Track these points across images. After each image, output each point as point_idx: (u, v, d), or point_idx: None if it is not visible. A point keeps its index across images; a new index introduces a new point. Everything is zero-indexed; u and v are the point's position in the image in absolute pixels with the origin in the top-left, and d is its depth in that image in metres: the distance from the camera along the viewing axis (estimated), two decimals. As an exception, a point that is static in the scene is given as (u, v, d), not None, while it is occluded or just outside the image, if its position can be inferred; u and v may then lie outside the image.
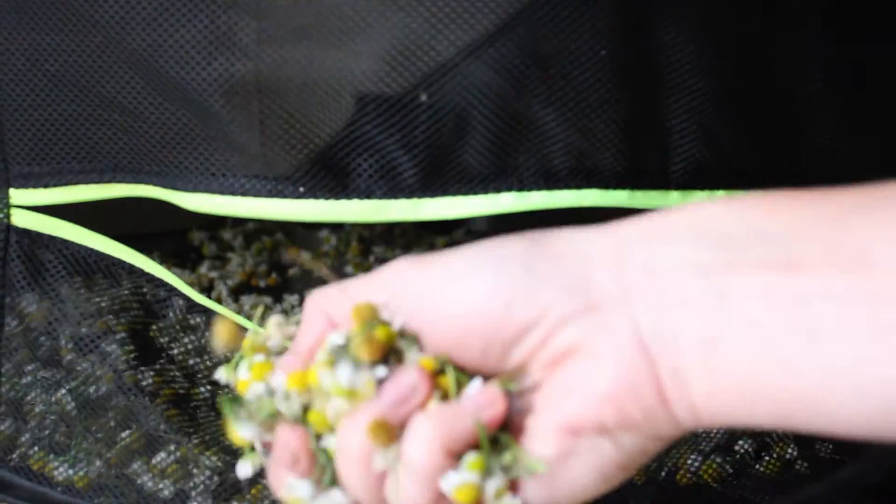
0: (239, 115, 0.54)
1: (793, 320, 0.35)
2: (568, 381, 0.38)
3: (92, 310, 0.69)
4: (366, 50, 0.52)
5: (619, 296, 0.38)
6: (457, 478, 0.38)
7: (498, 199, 0.55)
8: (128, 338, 0.68)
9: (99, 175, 0.58)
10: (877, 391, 0.34)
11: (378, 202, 0.54)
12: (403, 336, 0.40)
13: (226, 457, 0.61)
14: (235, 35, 0.53)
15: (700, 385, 0.37)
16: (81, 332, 0.69)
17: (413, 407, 0.39)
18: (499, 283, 0.38)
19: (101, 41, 0.55)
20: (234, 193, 0.55)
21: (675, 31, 0.53)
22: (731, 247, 0.37)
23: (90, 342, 0.67)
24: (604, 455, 0.39)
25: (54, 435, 0.62)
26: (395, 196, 0.54)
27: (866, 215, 0.36)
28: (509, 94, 0.53)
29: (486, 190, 0.54)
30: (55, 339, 0.68)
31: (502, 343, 0.39)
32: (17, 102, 0.58)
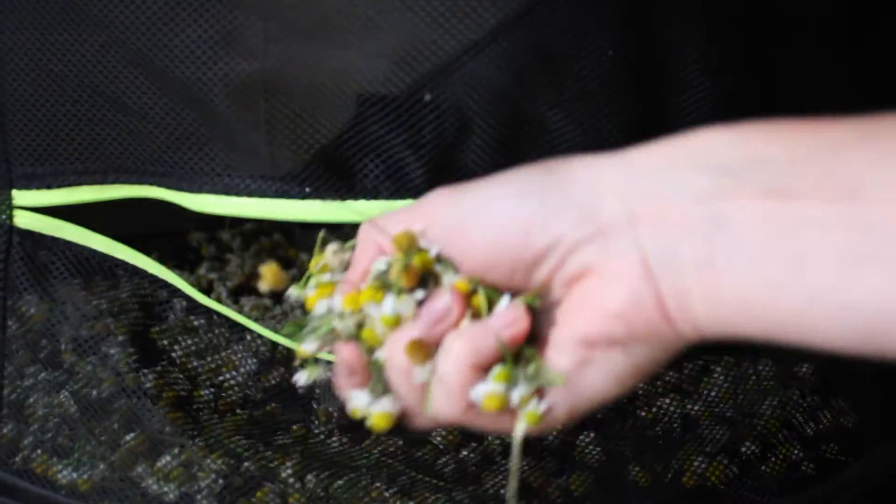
0: (245, 115, 0.54)
1: (781, 246, 0.37)
2: (582, 300, 0.42)
3: (92, 312, 0.68)
4: (372, 49, 0.52)
5: (626, 221, 0.40)
6: (484, 388, 0.42)
7: None
8: (128, 340, 0.67)
9: (102, 176, 0.58)
10: (856, 313, 0.36)
11: (385, 202, 0.54)
12: (440, 261, 0.44)
13: (230, 460, 0.60)
14: (241, 35, 0.52)
15: (699, 303, 0.39)
16: (82, 334, 0.69)
17: (448, 326, 0.43)
18: (517, 214, 0.42)
19: (105, 40, 0.55)
20: (239, 194, 0.55)
21: (682, 31, 0.53)
22: (731, 174, 0.39)
23: (91, 344, 0.66)
24: (617, 364, 0.42)
25: (57, 438, 0.61)
26: (401, 196, 0.54)
27: (862, 146, 0.38)
28: (516, 93, 0.53)
29: None
30: (56, 341, 0.68)
31: (525, 266, 0.42)
32: (20, 102, 0.57)
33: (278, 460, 0.61)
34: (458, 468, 0.62)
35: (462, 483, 0.60)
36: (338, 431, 0.65)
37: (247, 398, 0.68)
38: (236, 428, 0.64)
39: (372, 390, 0.45)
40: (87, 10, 0.54)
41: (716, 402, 0.67)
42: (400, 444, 0.63)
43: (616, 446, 0.64)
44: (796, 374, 0.68)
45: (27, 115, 0.57)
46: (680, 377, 0.69)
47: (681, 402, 0.67)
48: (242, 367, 0.71)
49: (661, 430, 0.65)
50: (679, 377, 0.69)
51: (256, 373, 0.70)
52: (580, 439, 0.64)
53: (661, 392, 0.68)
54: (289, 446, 0.62)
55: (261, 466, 0.60)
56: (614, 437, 0.65)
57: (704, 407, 0.67)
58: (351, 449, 0.63)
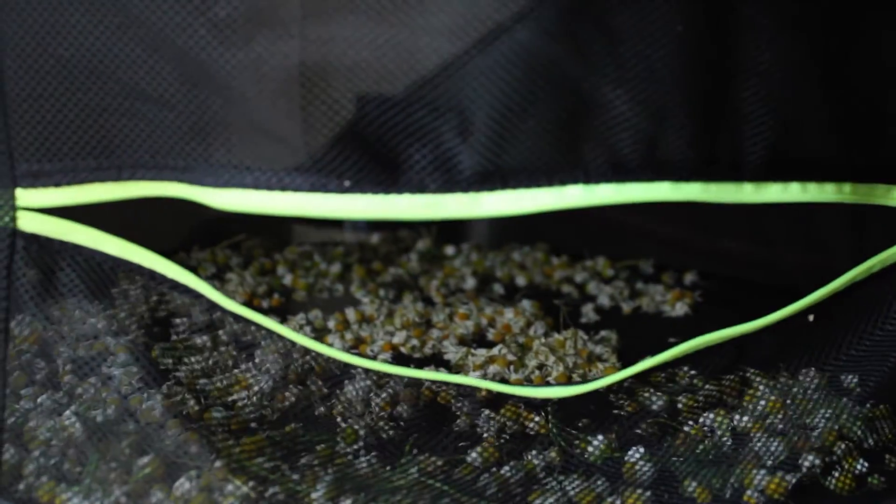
0: (278, 102, 0.49)
1: None
2: None
3: (91, 331, 0.64)
4: (423, 26, 0.47)
5: None
6: None
7: (564, 193, 0.50)
8: (129, 359, 0.63)
9: (117, 172, 0.53)
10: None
11: (432, 196, 0.49)
12: None
13: (254, 484, 0.55)
14: (275, 11, 0.48)
15: None
16: (80, 354, 0.64)
17: None
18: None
19: (121, 21, 0.50)
20: (270, 188, 0.50)
21: (755, 10, 0.49)
22: None
23: (91, 365, 0.62)
24: None
25: (63, 463, 0.56)
26: (450, 190, 0.49)
27: None
28: (577, 73, 0.48)
29: (550, 182, 0.50)
30: (53, 361, 0.63)
31: None
32: (25, 91, 0.52)
33: (307, 483, 0.56)
34: (500, 488, 0.57)
35: (506, 503, 0.56)
36: (364, 451, 0.60)
37: (262, 418, 0.64)
38: (257, 449, 0.59)
39: None
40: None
41: (764, 414, 0.63)
42: (438, 464, 0.59)
43: (667, 462, 0.60)
44: (842, 384, 0.64)
45: (33, 106, 0.52)
46: (721, 390, 0.65)
47: (727, 416, 0.63)
48: (255, 387, 0.67)
49: (712, 445, 0.61)
50: (720, 390, 0.65)
51: (271, 392, 0.66)
52: (629, 456, 0.60)
53: (704, 406, 0.64)
54: (316, 468, 0.57)
55: (287, 489, 0.55)
56: (663, 453, 0.60)
57: (753, 420, 0.63)
58: (383, 469, 0.58)
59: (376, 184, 0.49)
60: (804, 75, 0.51)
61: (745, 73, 0.50)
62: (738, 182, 0.52)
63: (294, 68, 0.48)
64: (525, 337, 0.79)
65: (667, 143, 0.50)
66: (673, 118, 0.50)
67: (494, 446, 0.61)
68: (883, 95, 0.54)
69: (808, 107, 0.52)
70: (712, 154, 0.51)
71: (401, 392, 0.67)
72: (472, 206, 0.49)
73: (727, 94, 0.50)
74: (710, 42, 0.49)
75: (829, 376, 0.64)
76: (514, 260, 0.97)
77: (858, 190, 0.55)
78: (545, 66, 0.48)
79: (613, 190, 0.50)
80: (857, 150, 0.55)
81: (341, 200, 0.50)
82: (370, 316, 0.83)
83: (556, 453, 0.61)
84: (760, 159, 0.52)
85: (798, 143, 0.52)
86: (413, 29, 0.47)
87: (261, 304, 0.86)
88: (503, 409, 0.65)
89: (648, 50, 0.48)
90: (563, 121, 0.49)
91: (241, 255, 0.94)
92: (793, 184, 0.53)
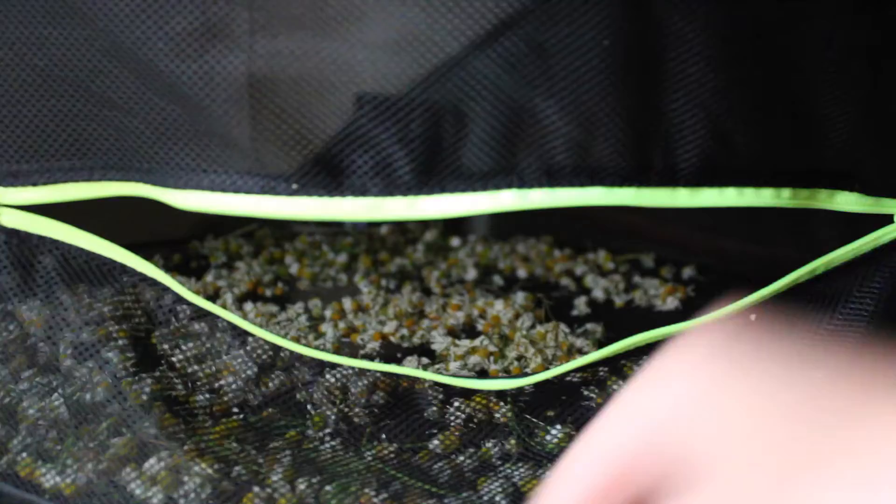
0: (230, 110, 0.52)
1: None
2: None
3: (94, 316, 0.67)
4: (361, 41, 0.50)
5: None
6: None
7: (498, 197, 0.53)
8: (129, 344, 0.66)
9: (89, 173, 0.57)
10: None
11: (373, 200, 0.53)
12: None
13: (220, 465, 0.59)
14: (227, 26, 0.51)
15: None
16: (82, 338, 0.68)
17: None
18: None
19: (89, 34, 0.54)
20: (224, 190, 0.53)
21: (683, 20, 0.51)
22: None
23: (90, 349, 0.65)
24: None
25: (44, 441, 0.60)
26: (391, 193, 0.52)
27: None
28: (509, 86, 0.51)
29: (485, 187, 0.52)
30: (55, 344, 0.67)
31: None
32: (4, 98, 0.56)
33: (268, 465, 0.59)
34: (453, 474, 0.61)
35: (456, 489, 0.59)
36: (330, 437, 0.64)
37: (245, 403, 0.67)
38: (229, 432, 0.62)
39: None
40: (69, 2, 0.53)
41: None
42: (392, 449, 0.62)
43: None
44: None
45: (12, 112, 0.57)
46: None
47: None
48: (242, 373, 0.70)
49: None
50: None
51: (256, 378, 0.69)
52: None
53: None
54: (280, 451, 0.61)
55: (250, 471, 0.59)
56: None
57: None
58: (345, 454, 0.62)
59: (322, 187, 0.53)
60: (735, 84, 0.53)
61: (676, 83, 0.52)
62: (672, 188, 0.54)
63: (243, 79, 0.52)
64: (510, 329, 0.82)
65: (598, 151, 0.52)
66: (603, 127, 0.52)
67: (456, 434, 0.64)
68: (818, 101, 0.56)
69: (740, 114, 0.54)
70: (645, 161, 0.53)
71: (379, 380, 0.70)
72: (410, 209, 0.52)
73: (657, 104, 0.53)
74: (637, 55, 0.51)
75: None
76: (518, 252, 0.99)
77: (799, 195, 0.57)
78: (477, 79, 0.51)
79: (546, 195, 0.53)
80: (796, 156, 0.57)
81: (290, 202, 0.53)
82: (366, 305, 0.86)
83: (514, 442, 0.64)
84: (694, 166, 0.54)
85: (732, 150, 0.54)
86: (353, 44, 0.50)
87: (264, 293, 0.89)
88: (473, 398, 0.68)
89: (576, 63, 0.50)
90: (498, 130, 0.52)
91: (252, 244, 0.98)
92: (728, 189, 0.55)
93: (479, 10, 0.49)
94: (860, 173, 0.58)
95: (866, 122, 0.57)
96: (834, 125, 0.56)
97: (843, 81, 0.56)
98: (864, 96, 0.57)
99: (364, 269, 0.95)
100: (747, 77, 0.53)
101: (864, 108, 0.57)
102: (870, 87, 0.57)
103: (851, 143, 0.57)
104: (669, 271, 0.95)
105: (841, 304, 0.62)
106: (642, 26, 0.51)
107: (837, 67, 0.55)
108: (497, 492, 0.58)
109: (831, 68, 0.55)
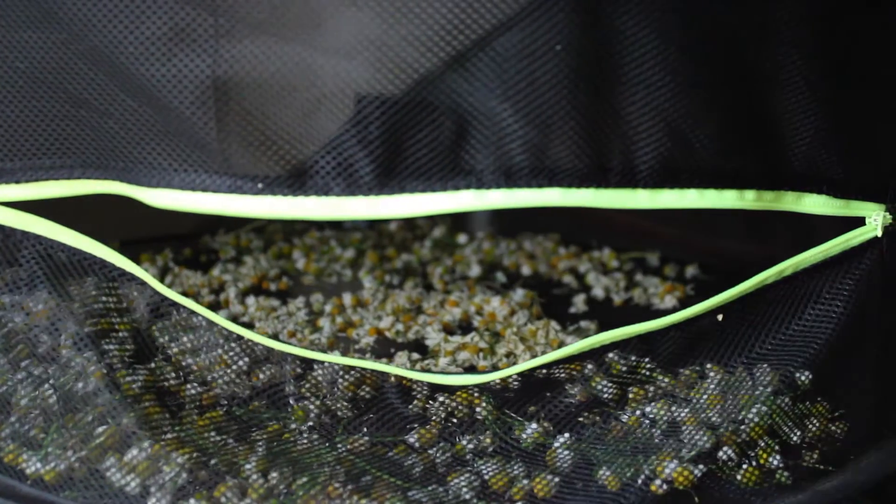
0: (197, 112, 0.54)
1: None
2: None
3: (98, 308, 0.69)
4: (321, 45, 0.52)
5: None
6: None
7: (457, 197, 0.54)
8: (129, 336, 0.68)
9: (69, 171, 0.59)
10: None
11: (336, 199, 0.54)
12: None
13: (198, 455, 0.61)
14: (193, 31, 0.53)
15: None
16: (85, 330, 0.70)
17: None
18: None
19: (66, 38, 0.56)
20: (194, 189, 0.55)
21: (636, 25, 0.52)
22: None
23: (90, 341, 0.67)
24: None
25: (31, 430, 0.62)
26: (352, 193, 0.54)
27: None
28: (464, 89, 0.52)
29: (444, 188, 0.54)
30: (56, 336, 0.69)
31: None
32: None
33: (243, 455, 0.61)
34: (425, 468, 0.62)
35: (423, 483, 0.60)
36: (308, 430, 0.65)
37: (234, 395, 0.69)
38: (212, 424, 0.64)
39: None
40: (47, 8, 0.55)
41: (703, 408, 0.66)
42: (365, 441, 0.63)
43: (590, 451, 0.63)
44: (795, 381, 0.66)
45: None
46: (675, 384, 0.68)
47: (668, 409, 0.66)
48: (234, 365, 0.72)
49: (641, 436, 0.64)
50: (674, 384, 0.68)
51: (247, 370, 0.71)
52: (556, 444, 0.63)
53: (652, 398, 0.67)
54: (257, 443, 0.63)
55: (226, 462, 0.61)
56: (591, 442, 0.64)
57: (691, 413, 0.66)
58: (320, 446, 0.63)
59: (286, 186, 0.54)
60: (692, 87, 0.54)
61: (632, 86, 0.53)
62: (631, 189, 0.55)
63: (209, 81, 0.54)
64: (503, 325, 0.83)
65: (556, 152, 0.53)
66: (559, 129, 0.53)
67: (436, 429, 0.65)
68: (779, 104, 0.56)
69: (698, 117, 0.54)
70: (603, 162, 0.54)
71: (367, 375, 0.72)
72: (372, 208, 0.54)
73: (614, 107, 0.53)
74: (592, 59, 0.52)
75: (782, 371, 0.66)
76: (524, 249, 1.00)
77: (763, 197, 0.58)
78: (433, 83, 0.52)
79: (504, 195, 0.54)
80: (758, 158, 0.57)
81: (255, 201, 0.55)
82: (366, 301, 0.88)
83: (489, 438, 0.65)
84: (652, 168, 0.55)
85: (691, 152, 0.55)
86: (313, 48, 0.52)
87: (268, 287, 0.91)
88: (457, 393, 0.69)
89: (530, 67, 0.52)
90: (455, 132, 0.53)
91: (262, 239, 1.00)
92: (689, 191, 0.56)
93: (432, 16, 0.51)
94: (828, 176, 0.59)
95: (831, 125, 0.57)
96: (796, 127, 0.57)
97: (805, 85, 0.56)
98: (828, 99, 0.57)
99: (370, 264, 0.96)
100: (704, 80, 0.54)
101: (828, 111, 0.57)
102: (834, 90, 0.57)
103: (816, 145, 0.58)
104: (673, 270, 0.95)
105: (809, 306, 0.62)
106: (597, 32, 0.52)
107: (798, 71, 0.56)
108: (463, 485, 0.60)
109: (792, 72, 0.56)
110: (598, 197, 0.55)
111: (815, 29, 0.55)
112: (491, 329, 0.82)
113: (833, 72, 0.57)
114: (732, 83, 0.55)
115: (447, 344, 0.79)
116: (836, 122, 0.57)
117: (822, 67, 0.56)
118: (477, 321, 0.85)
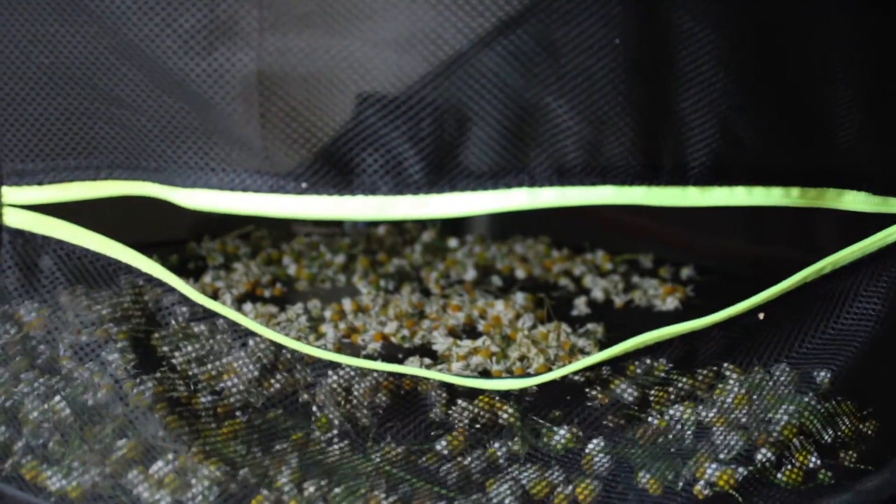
0: (239, 108, 0.52)
1: None
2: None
3: (93, 318, 0.67)
4: (370, 38, 0.50)
5: None
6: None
7: (509, 196, 0.52)
8: (129, 346, 0.66)
9: (95, 172, 0.56)
10: None
11: (383, 198, 0.52)
12: None
13: (226, 467, 0.59)
14: (236, 24, 0.51)
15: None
16: (81, 340, 0.67)
17: None
18: None
19: (96, 31, 0.53)
20: (233, 189, 0.53)
21: (693, 20, 0.51)
22: None
23: (90, 350, 0.65)
24: None
25: (48, 444, 0.60)
26: (401, 192, 0.52)
27: None
28: (519, 84, 0.51)
29: (496, 186, 0.52)
30: (54, 347, 0.66)
31: None
32: (10, 96, 0.56)
33: (275, 467, 0.59)
34: (461, 475, 0.60)
35: (465, 491, 0.58)
36: (338, 439, 0.63)
37: (248, 404, 0.67)
38: (234, 434, 0.62)
39: None
40: (77, 0, 0.53)
41: (730, 408, 0.65)
42: (400, 451, 0.61)
43: (626, 454, 0.62)
44: (814, 380, 0.66)
45: (17, 110, 0.56)
46: (694, 384, 0.67)
47: (694, 410, 0.65)
48: (244, 374, 0.70)
49: (673, 438, 0.63)
50: (693, 384, 0.67)
51: (258, 379, 0.69)
52: (589, 448, 0.62)
53: (675, 399, 0.66)
54: (286, 453, 0.61)
55: (257, 474, 0.58)
56: (624, 445, 0.63)
57: (719, 414, 0.65)
58: (352, 456, 0.61)
59: (331, 186, 0.52)
60: (746, 83, 0.53)
61: (686, 82, 0.52)
62: (682, 186, 0.54)
63: (253, 76, 0.51)
64: (511, 329, 0.81)
65: (609, 150, 0.52)
66: (614, 126, 0.52)
67: (463, 436, 0.64)
68: (826, 101, 0.56)
69: (750, 113, 0.54)
70: (655, 159, 0.53)
71: (382, 381, 0.70)
72: (422, 207, 0.52)
73: (668, 103, 0.52)
74: (648, 54, 0.51)
75: (802, 371, 0.66)
76: (515, 252, 0.99)
77: (807, 194, 0.57)
78: (487, 77, 0.50)
79: (557, 193, 0.52)
80: (804, 155, 0.57)
81: (298, 201, 0.53)
82: (366, 306, 0.86)
83: (519, 443, 0.63)
84: (704, 165, 0.54)
85: (741, 149, 0.54)
86: (362, 41, 0.50)
87: (263, 294, 0.89)
88: (478, 399, 0.68)
89: (588, 62, 0.50)
90: (508, 129, 0.51)
91: (249, 245, 0.97)
92: (738, 188, 0.55)
93: (487, 7, 0.49)
94: (867, 173, 0.58)
95: (872, 122, 0.57)
96: (841, 125, 0.57)
97: (850, 82, 0.56)
98: (871, 96, 0.57)
99: (362, 269, 0.94)
100: (755, 75, 0.53)
101: (870, 109, 0.57)
102: (876, 87, 0.57)
103: (859, 143, 0.57)
104: (668, 271, 0.95)
105: (848, 304, 0.62)
106: (652, 25, 0.51)
107: (844, 68, 0.55)
108: (506, 494, 0.58)
109: (838, 69, 0.55)
110: (650, 195, 0.54)
111: (861, 22, 0.55)
112: (500, 333, 0.81)
113: (878, 68, 0.56)
114: (782, 78, 0.54)
115: (458, 348, 0.78)
116: (878, 119, 0.57)
117: (868, 63, 0.56)
118: (481, 325, 0.83)
